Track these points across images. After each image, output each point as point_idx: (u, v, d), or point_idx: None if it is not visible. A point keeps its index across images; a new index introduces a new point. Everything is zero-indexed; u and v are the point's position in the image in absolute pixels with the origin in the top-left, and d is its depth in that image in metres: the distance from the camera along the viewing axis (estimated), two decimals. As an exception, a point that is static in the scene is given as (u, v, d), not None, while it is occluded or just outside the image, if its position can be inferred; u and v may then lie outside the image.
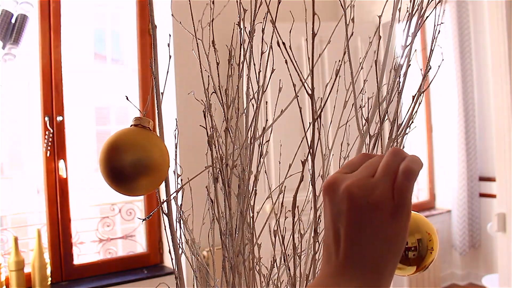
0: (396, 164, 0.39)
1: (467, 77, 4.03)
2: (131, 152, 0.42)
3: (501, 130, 2.43)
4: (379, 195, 0.38)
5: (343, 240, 0.38)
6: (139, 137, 0.44)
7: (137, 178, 0.42)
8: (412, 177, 0.38)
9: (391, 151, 0.40)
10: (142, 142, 0.43)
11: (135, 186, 0.43)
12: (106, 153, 0.43)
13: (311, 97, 0.38)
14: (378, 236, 0.37)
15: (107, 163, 0.42)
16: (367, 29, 0.61)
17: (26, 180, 5.43)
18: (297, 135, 0.51)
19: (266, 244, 0.55)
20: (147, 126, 0.46)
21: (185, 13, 0.64)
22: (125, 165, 0.42)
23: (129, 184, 0.42)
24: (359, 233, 0.38)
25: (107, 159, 0.42)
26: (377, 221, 0.37)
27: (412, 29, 0.43)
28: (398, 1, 0.50)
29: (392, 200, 0.38)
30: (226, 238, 0.46)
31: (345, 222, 0.38)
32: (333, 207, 0.39)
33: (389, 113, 0.40)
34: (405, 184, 0.38)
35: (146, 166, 0.42)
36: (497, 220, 2.44)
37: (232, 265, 0.46)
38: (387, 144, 0.39)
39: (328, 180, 0.41)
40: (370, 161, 0.41)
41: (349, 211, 0.38)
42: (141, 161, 0.42)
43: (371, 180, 0.38)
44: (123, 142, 0.43)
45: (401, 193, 0.38)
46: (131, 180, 0.42)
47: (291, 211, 0.42)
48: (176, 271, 0.46)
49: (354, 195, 0.38)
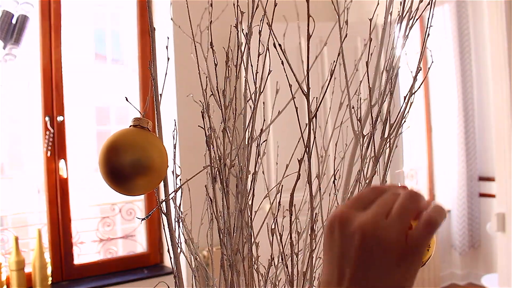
0: (412, 208, 0.37)
1: (467, 77, 4.03)
2: (130, 152, 0.43)
3: (500, 130, 2.43)
4: (393, 237, 0.36)
5: (347, 279, 0.37)
6: (138, 138, 0.44)
7: (136, 178, 0.43)
8: (434, 229, 0.37)
9: (408, 193, 0.38)
10: (141, 143, 0.44)
11: (133, 185, 0.43)
12: (105, 153, 0.43)
13: (306, 97, 0.38)
14: (384, 280, 0.36)
15: (106, 163, 0.43)
16: (367, 29, 0.62)
17: (27, 180, 5.43)
18: (295, 135, 0.51)
19: (263, 243, 0.55)
20: (146, 126, 0.46)
21: (184, 16, 0.65)
22: (124, 165, 0.42)
23: (127, 184, 0.43)
24: (366, 274, 0.36)
25: (106, 159, 0.43)
26: (386, 264, 0.36)
27: (403, 32, 0.44)
28: (390, 4, 0.50)
29: (405, 246, 0.36)
30: (224, 237, 0.47)
31: (353, 261, 0.37)
32: (342, 244, 0.38)
33: (382, 113, 0.41)
34: (423, 234, 0.36)
35: (144, 166, 0.43)
36: (497, 220, 2.44)
37: (230, 263, 0.47)
38: (379, 144, 0.40)
39: (337, 214, 0.39)
40: (383, 199, 0.39)
41: (359, 250, 0.36)
42: (139, 161, 0.43)
43: (386, 220, 0.37)
44: (122, 143, 0.43)
45: (417, 241, 0.36)
46: (130, 179, 0.42)
47: (289, 209, 0.43)
48: (175, 271, 0.46)
49: (367, 234, 0.36)
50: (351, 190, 0.51)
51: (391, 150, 0.41)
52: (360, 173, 0.44)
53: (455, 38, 3.97)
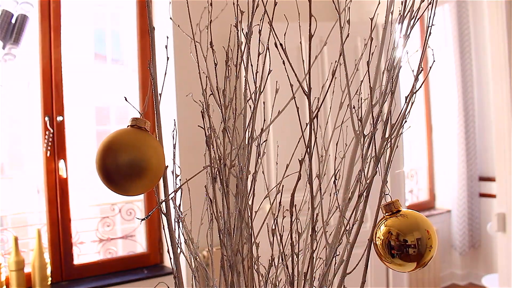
0: None
1: (467, 77, 4.03)
2: (125, 152, 0.43)
3: (501, 130, 2.43)
4: None
5: None
6: (134, 138, 0.44)
7: (131, 178, 0.43)
8: None
9: None
10: (137, 143, 0.43)
11: (129, 186, 0.43)
12: (101, 153, 0.43)
13: (308, 97, 0.38)
14: None
15: (101, 163, 0.43)
16: (367, 30, 0.62)
17: (26, 180, 5.43)
18: (295, 135, 0.51)
19: (264, 243, 0.55)
20: (143, 126, 0.46)
21: (184, 15, 0.64)
22: (119, 165, 0.42)
23: (123, 184, 0.43)
24: None
25: (101, 159, 0.43)
26: None
27: (404, 31, 0.44)
28: (391, 3, 0.50)
29: None
30: (224, 237, 0.47)
31: None
32: None
33: (382, 113, 0.40)
34: None
35: (140, 167, 0.43)
36: (497, 220, 2.44)
37: (230, 263, 0.46)
38: (380, 144, 0.39)
39: None
40: None
41: None
42: (135, 161, 0.43)
43: None
44: (118, 142, 0.43)
45: None
46: (125, 180, 0.42)
47: (289, 210, 0.42)
48: (174, 271, 0.46)
49: None
50: (352, 190, 0.50)
51: (392, 150, 0.40)
52: (361, 173, 0.44)
53: (455, 38, 3.97)
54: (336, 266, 0.47)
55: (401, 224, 0.40)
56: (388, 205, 0.41)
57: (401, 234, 0.40)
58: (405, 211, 0.41)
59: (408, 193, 4.20)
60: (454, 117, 3.99)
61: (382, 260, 0.41)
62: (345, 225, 0.44)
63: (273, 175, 2.05)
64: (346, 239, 0.45)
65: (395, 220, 0.41)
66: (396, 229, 0.40)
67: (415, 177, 4.30)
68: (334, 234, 0.54)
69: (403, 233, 0.40)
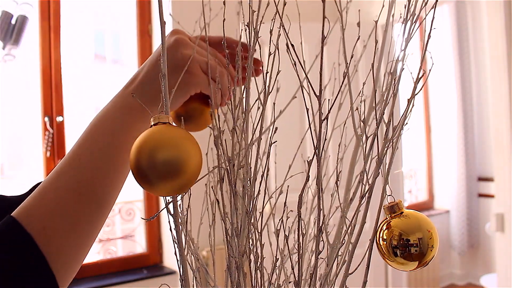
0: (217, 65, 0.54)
1: (466, 78, 4.04)
2: (165, 151, 0.37)
3: (499, 131, 2.44)
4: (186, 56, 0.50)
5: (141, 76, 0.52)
6: (171, 135, 0.39)
7: (172, 177, 0.38)
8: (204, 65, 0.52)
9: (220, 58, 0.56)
10: (177, 140, 0.39)
11: (164, 186, 0.38)
12: (136, 153, 0.37)
13: (318, 99, 0.38)
14: None
15: (138, 163, 0.37)
16: (368, 31, 0.62)
17: (26, 180, 5.42)
18: (295, 135, 0.51)
19: (268, 244, 0.55)
20: (167, 121, 0.40)
21: (184, 15, 0.65)
22: (156, 163, 0.37)
23: (158, 184, 0.38)
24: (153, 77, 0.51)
25: (138, 159, 0.37)
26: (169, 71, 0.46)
27: (406, 34, 0.44)
28: (392, 6, 0.51)
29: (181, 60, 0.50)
30: (231, 238, 0.47)
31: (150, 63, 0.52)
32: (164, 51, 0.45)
33: (384, 115, 0.41)
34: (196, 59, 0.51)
35: (178, 166, 0.37)
36: (496, 220, 2.45)
37: (238, 265, 0.47)
38: (382, 145, 0.40)
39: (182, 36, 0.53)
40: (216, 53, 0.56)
41: None
42: (176, 160, 0.37)
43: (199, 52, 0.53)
44: (157, 140, 0.38)
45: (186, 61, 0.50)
46: (163, 180, 0.37)
47: (297, 210, 0.43)
48: (181, 272, 0.46)
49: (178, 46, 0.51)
50: (353, 191, 0.51)
51: (393, 151, 0.41)
52: (363, 174, 0.44)
53: (454, 38, 3.98)
54: (338, 266, 0.47)
55: (404, 224, 0.41)
56: (391, 206, 0.42)
57: (403, 234, 0.41)
58: (407, 212, 0.42)
59: (407, 193, 4.21)
60: (453, 118, 4.00)
61: (384, 259, 0.42)
62: (347, 226, 0.45)
63: (272, 175, 2.05)
64: (348, 239, 0.46)
65: (398, 221, 0.41)
66: (399, 229, 0.41)
67: (414, 177, 4.31)
68: (336, 234, 0.54)
69: (406, 233, 0.41)
